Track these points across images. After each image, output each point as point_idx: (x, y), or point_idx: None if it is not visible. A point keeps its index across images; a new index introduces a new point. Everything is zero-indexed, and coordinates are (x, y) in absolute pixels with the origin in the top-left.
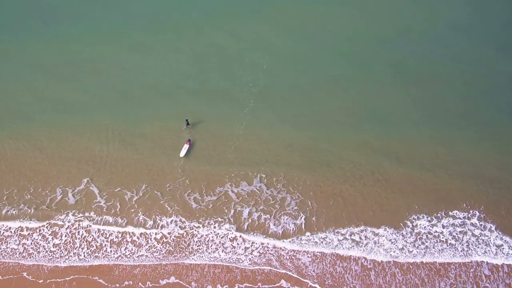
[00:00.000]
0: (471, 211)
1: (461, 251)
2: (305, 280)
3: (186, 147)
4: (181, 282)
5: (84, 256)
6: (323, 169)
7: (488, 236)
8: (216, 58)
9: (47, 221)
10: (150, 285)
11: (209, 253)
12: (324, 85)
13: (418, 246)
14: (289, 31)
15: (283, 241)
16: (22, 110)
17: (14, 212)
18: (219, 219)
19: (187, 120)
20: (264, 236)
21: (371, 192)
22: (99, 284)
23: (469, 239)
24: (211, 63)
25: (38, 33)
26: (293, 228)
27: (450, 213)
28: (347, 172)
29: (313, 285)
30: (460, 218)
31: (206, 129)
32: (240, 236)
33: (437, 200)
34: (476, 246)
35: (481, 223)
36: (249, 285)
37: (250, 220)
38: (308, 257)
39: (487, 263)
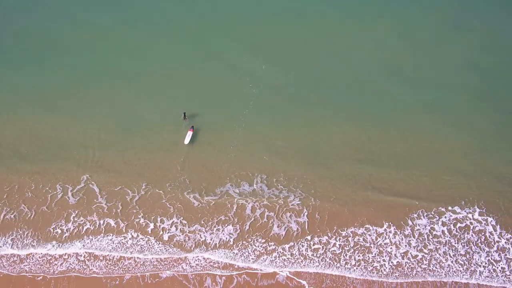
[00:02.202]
0: (471, 207)
1: (464, 253)
2: (303, 282)
3: (190, 134)
4: (179, 274)
5: (84, 257)
6: (323, 169)
7: (491, 234)
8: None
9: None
10: (149, 278)
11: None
12: (324, 87)
13: (421, 249)
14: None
15: (280, 267)
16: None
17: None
18: (222, 218)
19: (184, 113)
20: (264, 240)
21: (371, 191)
22: (98, 279)
23: (471, 237)
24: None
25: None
26: (296, 229)
27: (450, 208)
28: (348, 172)
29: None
30: (462, 214)
31: (206, 128)
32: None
33: (437, 199)
34: (478, 247)
35: (482, 217)
36: (247, 279)
37: (253, 218)
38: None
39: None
